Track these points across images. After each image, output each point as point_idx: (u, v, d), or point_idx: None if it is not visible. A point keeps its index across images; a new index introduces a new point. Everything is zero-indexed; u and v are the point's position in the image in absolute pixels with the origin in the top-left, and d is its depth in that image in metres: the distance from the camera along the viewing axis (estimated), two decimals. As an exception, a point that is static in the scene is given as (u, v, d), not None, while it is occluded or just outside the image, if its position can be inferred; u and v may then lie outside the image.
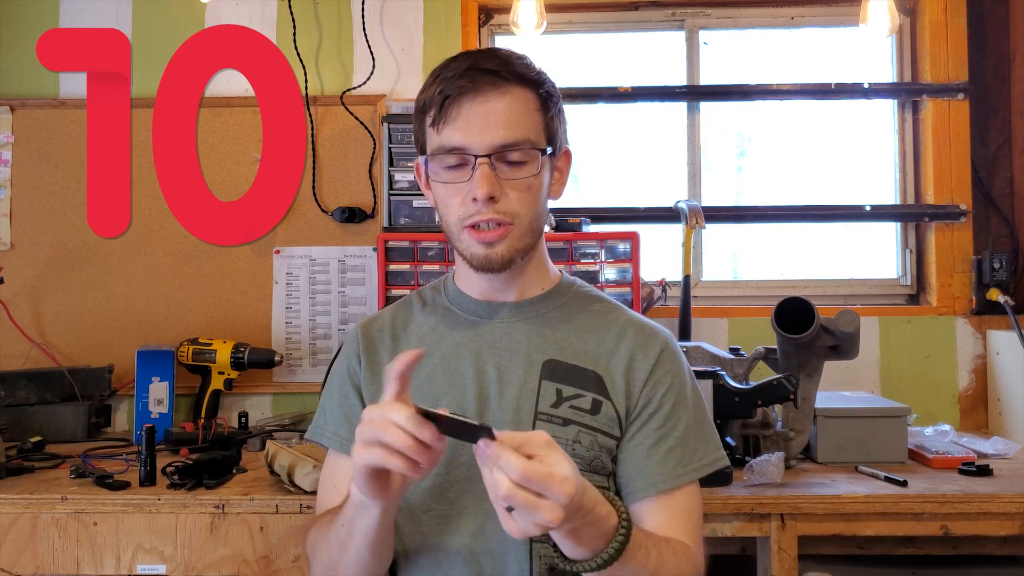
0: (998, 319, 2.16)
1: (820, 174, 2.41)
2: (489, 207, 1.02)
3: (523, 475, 0.77)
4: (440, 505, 1.05)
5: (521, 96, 1.04)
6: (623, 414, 1.07)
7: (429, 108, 1.05)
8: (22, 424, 1.97)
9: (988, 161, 2.26)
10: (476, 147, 1.01)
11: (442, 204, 1.08)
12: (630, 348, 1.10)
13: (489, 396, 1.07)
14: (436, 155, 1.05)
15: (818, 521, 1.49)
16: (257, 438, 1.91)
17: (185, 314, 2.23)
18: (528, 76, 1.05)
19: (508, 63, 1.04)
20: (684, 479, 1.05)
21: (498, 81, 1.02)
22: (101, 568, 1.50)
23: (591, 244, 1.98)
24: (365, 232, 2.22)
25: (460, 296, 1.15)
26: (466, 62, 1.03)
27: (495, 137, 1.01)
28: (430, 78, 1.07)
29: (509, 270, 1.07)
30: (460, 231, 1.05)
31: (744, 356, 1.84)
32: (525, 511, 0.78)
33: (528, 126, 1.04)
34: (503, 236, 1.03)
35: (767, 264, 2.40)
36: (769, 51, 2.42)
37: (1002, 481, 1.59)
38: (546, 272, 1.16)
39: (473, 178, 1.02)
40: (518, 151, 1.02)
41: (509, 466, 0.77)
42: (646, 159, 2.42)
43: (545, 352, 1.09)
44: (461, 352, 1.10)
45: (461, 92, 1.01)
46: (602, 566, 0.88)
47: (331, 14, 2.27)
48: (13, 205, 2.24)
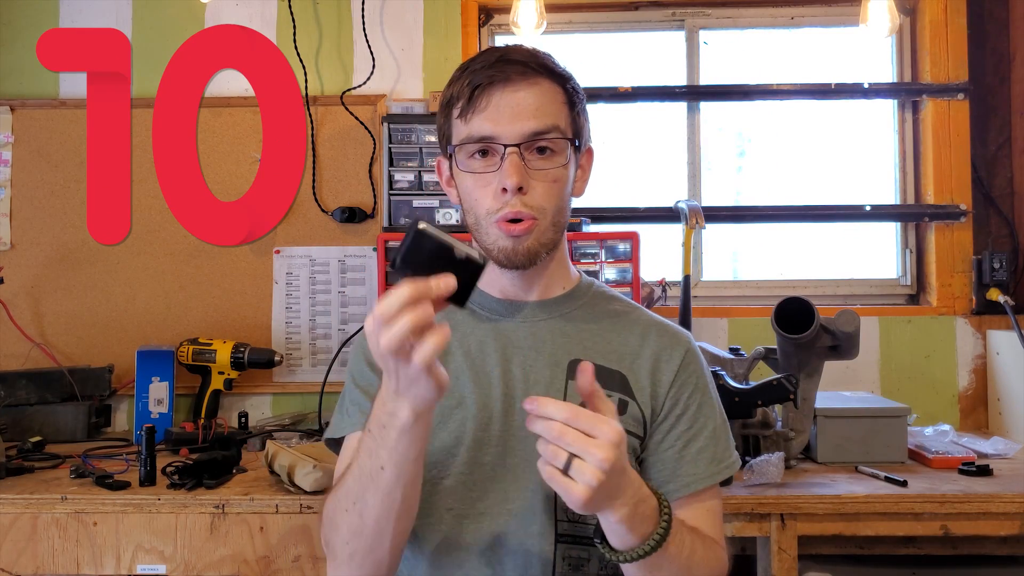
0: (998, 319, 2.16)
1: (820, 174, 2.41)
2: (517, 199, 1.01)
3: (571, 415, 0.80)
4: (462, 504, 1.04)
5: (550, 88, 1.04)
6: (648, 415, 1.08)
7: (457, 100, 1.05)
8: (22, 424, 1.97)
9: (988, 161, 2.26)
10: (506, 136, 1.01)
11: (469, 196, 1.06)
12: (655, 349, 1.10)
13: (515, 396, 1.06)
14: (464, 144, 1.04)
15: (818, 521, 1.49)
16: (257, 438, 1.92)
17: (185, 314, 2.23)
18: (556, 70, 1.06)
19: (536, 56, 1.05)
20: (717, 477, 1.07)
21: (528, 72, 1.02)
22: (101, 568, 1.50)
23: (591, 244, 1.98)
24: (365, 232, 2.22)
25: (481, 294, 1.14)
26: (494, 55, 1.04)
27: (525, 126, 1.01)
28: (456, 72, 1.07)
29: (533, 267, 1.07)
30: (489, 224, 1.04)
31: (744, 356, 1.84)
32: (579, 451, 0.79)
33: (557, 115, 1.04)
34: (529, 230, 1.03)
35: (767, 264, 2.40)
36: (769, 51, 2.42)
37: (1002, 481, 1.59)
38: (567, 271, 1.16)
39: (502, 168, 1.01)
40: (547, 139, 1.03)
41: (558, 409, 0.80)
42: (646, 159, 2.42)
43: (570, 352, 1.09)
44: (486, 350, 1.09)
45: (491, 81, 1.02)
46: (652, 550, 0.88)
47: (331, 14, 2.27)
48: (13, 205, 2.24)
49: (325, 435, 1.14)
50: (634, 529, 0.87)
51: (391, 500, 0.90)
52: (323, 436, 1.17)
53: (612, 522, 0.87)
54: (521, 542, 1.02)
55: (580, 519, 1.03)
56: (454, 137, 1.06)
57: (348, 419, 1.11)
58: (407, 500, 0.92)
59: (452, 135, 1.07)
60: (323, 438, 1.17)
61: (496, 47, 1.08)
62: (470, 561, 1.03)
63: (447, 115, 1.08)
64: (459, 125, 1.05)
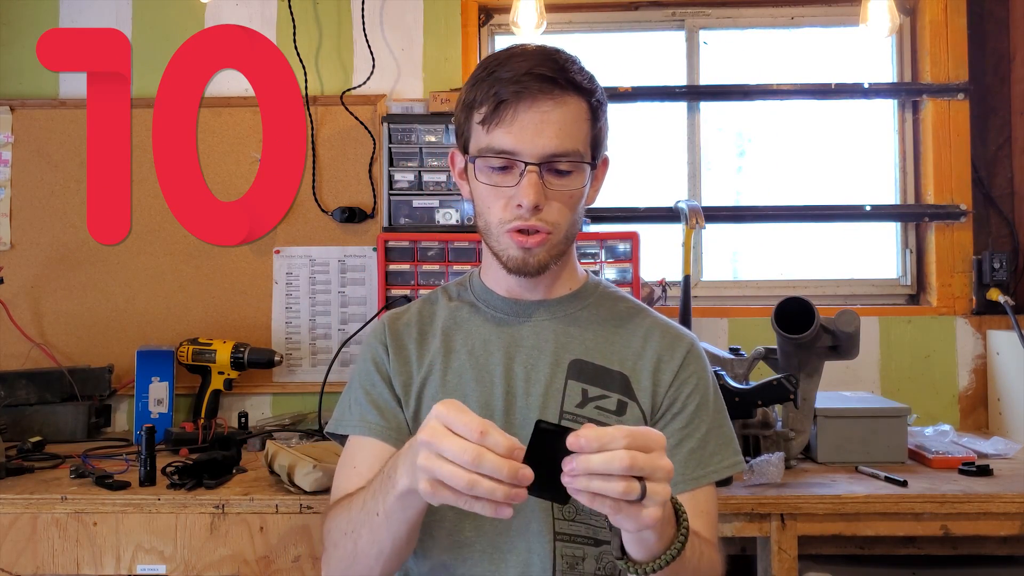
0: (998, 319, 2.16)
1: (820, 174, 2.41)
2: (532, 215, 1.02)
3: (631, 438, 0.74)
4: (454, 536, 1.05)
5: (575, 107, 1.03)
6: (648, 413, 1.08)
7: (480, 105, 1.03)
8: (22, 424, 1.97)
9: (988, 161, 2.26)
10: (527, 154, 1.01)
11: (482, 203, 1.07)
12: (657, 349, 1.11)
13: (516, 394, 1.07)
14: (484, 155, 1.04)
15: (818, 521, 1.49)
16: (257, 438, 1.92)
17: (185, 314, 2.22)
18: (582, 85, 1.04)
19: (565, 70, 1.03)
20: (701, 482, 1.06)
21: (555, 90, 1.01)
22: (101, 568, 1.50)
23: (591, 244, 1.98)
24: (365, 232, 2.22)
25: (487, 292, 1.15)
26: (524, 65, 1.01)
27: (547, 146, 1.01)
28: (482, 72, 1.05)
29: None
30: (501, 233, 1.05)
31: (744, 356, 1.84)
32: (649, 472, 0.74)
33: (579, 137, 1.04)
34: (542, 243, 1.04)
35: (767, 264, 2.40)
36: (769, 51, 2.42)
37: (1002, 481, 1.59)
38: (574, 272, 1.17)
39: (520, 185, 1.01)
40: (567, 162, 1.03)
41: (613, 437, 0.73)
42: (646, 159, 2.42)
43: (572, 352, 1.09)
44: (490, 349, 1.10)
45: (518, 97, 1.00)
46: (679, 553, 0.85)
47: (331, 14, 2.27)
48: (13, 205, 2.24)
49: (327, 427, 1.15)
50: (663, 534, 0.83)
51: (381, 546, 0.92)
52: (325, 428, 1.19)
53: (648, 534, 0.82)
54: (522, 539, 1.03)
55: (575, 518, 1.04)
56: (473, 143, 1.06)
57: (348, 417, 1.12)
58: (397, 550, 0.93)
59: (471, 139, 1.06)
60: (325, 429, 1.18)
61: (524, 50, 1.04)
62: (472, 558, 1.04)
63: (467, 116, 1.07)
64: (479, 132, 1.04)
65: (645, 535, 0.82)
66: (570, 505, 1.04)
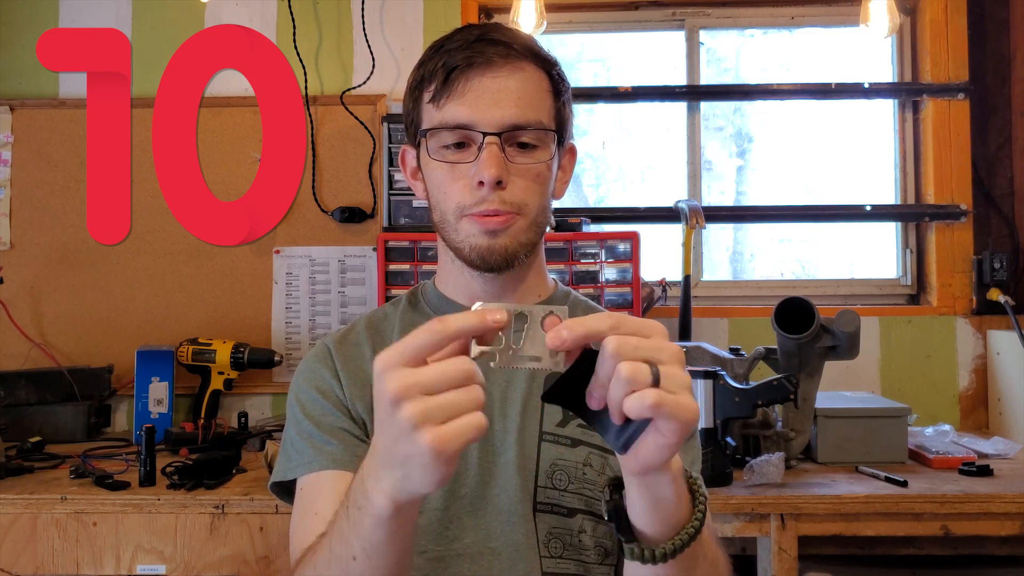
0: (998, 319, 2.16)
1: (820, 174, 2.41)
2: (495, 194, 0.90)
3: (615, 320, 0.62)
4: (437, 546, 0.91)
5: (535, 75, 0.93)
6: None
7: (429, 82, 0.93)
8: (22, 424, 1.97)
9: (988, 161, 2.26)
10: (484, 124, 0.89)
11: (437, 190, 0.94)
12: None
13: (493, 416, 0.95)
14: (436, 132, 0.92)
15: (818, 521, 1.49)
16: (257, 438, 1.91)
17: (185, 314, 2.22)
18: (540, 54, 0.95)
19: (520, 37, 0.93)
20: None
21: (511, 55, 0.91)
22: (101, 568, 1.50)
23: (591, 244, 1.98)
24: (365, 232, 2.22)
25: (446, 303, 1.01)
26: (473, 33, 0.92)
27: (506, 115, 0.89)
28: (429, 51, 0.95)
29: (509, 271, 0.96)
30: (459, 220, 0.92)
31: (744, 356, 1.84)
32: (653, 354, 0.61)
33: (541, 107, 0.93)
34: (507, 224, 0.91)
35: (767, 264, 2.40)
36: (769, 51, 2.42)
37: (1002, 481, 1.59)
38: (544, 279, 1.05)
39: (480, 159, 0.89)
40: (531, 132, 0.91)
41: (598, 320, 0.62)
42: (646, 159, 2.42)
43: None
44: None
45: (469, 64, 0.90)
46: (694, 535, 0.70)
47: (331, 14, 2.27)
48: (13, 205, 2.24)
49: (270, 481, 0.98)
50: (681, 495, 0.69)
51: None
52: (268, 483, 1.00)
53: (666, 482, 0.67)
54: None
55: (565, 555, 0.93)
56: (424, 123, 0.94)
57: (298, 456, 0.93)
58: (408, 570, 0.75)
59: (422, 121, 0.95)
60: (268, 483, 1.00)
61: (474, 24, 0.95)
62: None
63: (416, 99, 0.96)
64: (430, 110, 0.93)
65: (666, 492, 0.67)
66: (557, 541, 0.93)
